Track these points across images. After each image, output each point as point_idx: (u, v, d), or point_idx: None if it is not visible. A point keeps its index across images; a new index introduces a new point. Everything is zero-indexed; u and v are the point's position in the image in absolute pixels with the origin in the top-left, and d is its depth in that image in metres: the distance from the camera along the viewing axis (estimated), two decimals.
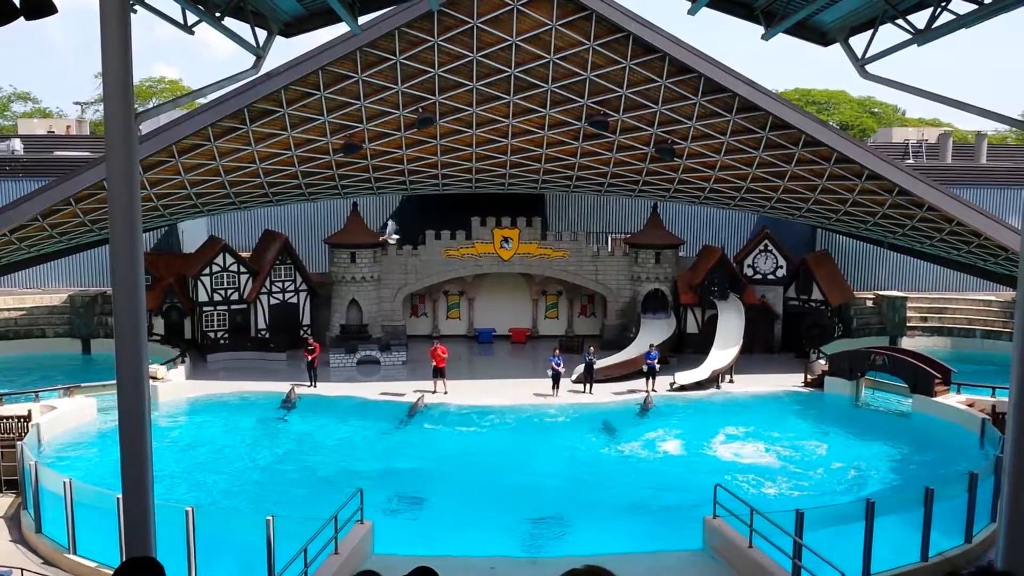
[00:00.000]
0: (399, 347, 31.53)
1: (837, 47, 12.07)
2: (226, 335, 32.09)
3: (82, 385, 24.44)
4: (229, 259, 32.09)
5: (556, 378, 26.66)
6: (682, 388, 27.37)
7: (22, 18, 7.77)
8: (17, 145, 40.56)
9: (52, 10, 7.81)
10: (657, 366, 27.17)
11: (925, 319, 35.23)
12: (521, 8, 22.65)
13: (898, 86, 11.33)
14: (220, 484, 20.28)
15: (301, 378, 27.75)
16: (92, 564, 15.27)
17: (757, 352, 31.71)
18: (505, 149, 27.22)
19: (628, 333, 32.54)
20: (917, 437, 23.41)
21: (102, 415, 23.22)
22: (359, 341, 31.64)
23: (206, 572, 13.95)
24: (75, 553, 15.52)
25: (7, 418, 20.30)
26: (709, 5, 11.71)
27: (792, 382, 28.31)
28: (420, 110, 24.90)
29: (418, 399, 25.81)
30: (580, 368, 27.28)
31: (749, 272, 33.10)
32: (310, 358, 27.68)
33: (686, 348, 31.85)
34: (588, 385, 26.92)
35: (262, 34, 11.44)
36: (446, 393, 26.53)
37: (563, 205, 39.92)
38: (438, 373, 26.83)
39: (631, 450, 22.53)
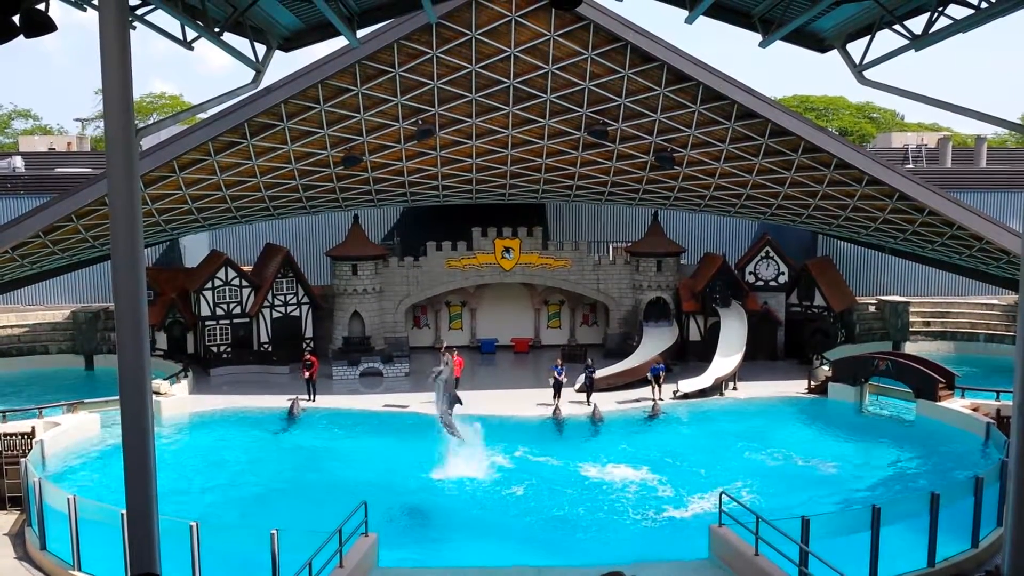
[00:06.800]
0: (402, 359, 31.52)
1: (835, 53, 12.11)
2: (229, 349, 32.10)
3: (85, 401, 24.43)
4: (231, 273, 32.12)
5: (558, 387, 26.60)
6: (686, 396, 27.33)
7: (22, 36, 7.83)
8: (18, 162, 40.66)
9: (51, 28, 7.85)
10: (663, 375, 27.19)
11: (928, 324, 35.19)
12: (519, 19, 22.73)
13: (896, 91, 11.37)
14: (224, 498, 20.21)
15: (304, 391, 27.70)
16: None
17: (760, 359, 31.63)
18: (505, 160, 27.27)
19: (631, 341, 32.51)
20: (922, 442, 23.34)
21: (106, 431, 23.22)
22: (361, 353, 31.64)
23: None
24: (79, 569, 15.47)
25: (11, 435, 20.26)
26: (707, 13, 11.75)
27: (796, 388, 28.25)
28: (420, 122, 24.97)
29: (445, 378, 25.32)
30: (581, 378, 27.22)
31: (751, 279, 33.07)
32: (307, 374, 27.60)
33: (689, 356, 31.80)
34: (588, 395, 26.83)
35: (261, 49, 11.52)
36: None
37: (564, 214, 39.95)
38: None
39: (634, 458, 22.44)
